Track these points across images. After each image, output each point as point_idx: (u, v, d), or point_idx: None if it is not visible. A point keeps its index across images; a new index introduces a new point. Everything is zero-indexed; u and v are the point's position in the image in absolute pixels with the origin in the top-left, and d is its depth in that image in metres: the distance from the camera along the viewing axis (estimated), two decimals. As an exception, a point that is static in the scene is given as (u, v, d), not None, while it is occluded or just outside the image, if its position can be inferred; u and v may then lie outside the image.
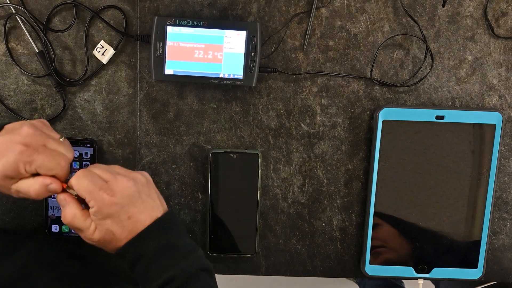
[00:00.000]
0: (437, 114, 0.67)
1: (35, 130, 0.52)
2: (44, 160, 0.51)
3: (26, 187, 0.52)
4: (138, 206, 0.53)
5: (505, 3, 0.67)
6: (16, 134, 0.51)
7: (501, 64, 0.69)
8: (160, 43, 0.64)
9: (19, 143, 0.50)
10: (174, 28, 0.63)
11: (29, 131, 0.51)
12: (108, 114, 0.69)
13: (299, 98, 0.69)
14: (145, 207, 0.54)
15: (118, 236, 0.52)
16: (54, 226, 0.69)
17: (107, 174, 0.53)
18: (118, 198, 0.52)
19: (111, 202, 0.51)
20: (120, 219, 0.52)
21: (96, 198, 0.51)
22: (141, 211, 0.53)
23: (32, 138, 0.51)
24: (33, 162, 0.51)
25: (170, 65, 0.64)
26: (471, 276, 0.71)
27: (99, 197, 0.51)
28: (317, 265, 0.73)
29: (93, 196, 0.51)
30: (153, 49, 0.64)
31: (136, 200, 0.53)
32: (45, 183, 0.52)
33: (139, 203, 0.53)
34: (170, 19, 0.63)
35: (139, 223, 0.53)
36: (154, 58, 0.64)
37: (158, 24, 0.63)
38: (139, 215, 0.53)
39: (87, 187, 0.51)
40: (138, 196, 0.53)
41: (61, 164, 0.52)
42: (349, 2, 0.67)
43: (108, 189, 0.52)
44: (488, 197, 0.69)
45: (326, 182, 0.71)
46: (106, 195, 0.51)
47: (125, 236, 0.53)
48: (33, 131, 0.52)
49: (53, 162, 0.51)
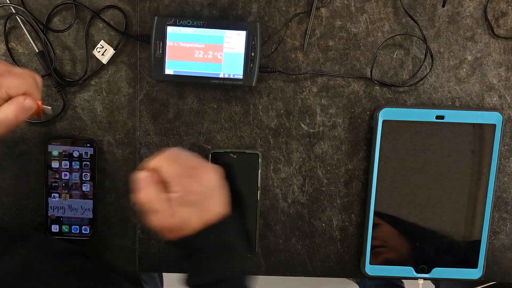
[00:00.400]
0: (437, 114, 0.67)
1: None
2: (12, 81, 0.52)
3: (4, 114, 0.52)
4: (216, 199, 0.54)
5: (505, 3, 0.67)
6: None
7: (501, 64, 0.69)
8: (160, 43, 0.64)
9: None
10: (174, 28, 0.63)
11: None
12: (108, 114, 0.69)
13: (299, 98, 0.69)
14: (220, 201, 0.54)
15: (192, 226, 0.52)
16: (54, 226, 0.69)
17: (194, 161, 0.53)
18: (204, 188, 0.52)
19: (198, 191, 0.51)
20: (199, 209, 0.52)
21: (184, 184, 0.51)
22: (217, 205, 0.54)
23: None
24: (2, 85, 0.51)
25: (170, 65, 0.64)
26: (471, 276, 0.71)
27: (188, 184, 0.51)
28: (317, 265, 0.73)
29: (181, 181, 0.51)
30: (153, 49, 0.64)
31: (216, 194, 0.54)
32: (19, 101, 0.52)
33: (217, 196, 0.54)
34: (170, 19, 0.63)
35: (214, 216, 0.53)
36: (154, 58, 0.64)
37: (158, 24, 0.63)
38: (216, 208, 0.54)
39: (177, 171, 0.51)
40: (218, 190, 0.54)
41: (29, 81, 0.53)
42: (349, 2, 0.67)
43: (197, 177, 0.52)
44: (488, 197, 0.69)
45: (326, 182, 0.71)
46: (195, 183, 0.51)
47: (197, 227, 0.52)
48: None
49: (20, 80, 0.52)
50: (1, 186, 0.70)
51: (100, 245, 0.71)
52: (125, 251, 0.72)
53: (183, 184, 0.51)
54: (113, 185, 0.70)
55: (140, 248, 0.72)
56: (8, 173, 0.70)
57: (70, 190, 0.69)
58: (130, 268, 0.72)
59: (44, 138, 0.68)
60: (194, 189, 0.51)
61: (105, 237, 0.71)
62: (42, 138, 0.69)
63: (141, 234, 0.71)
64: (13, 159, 0.69)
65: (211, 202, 0.53)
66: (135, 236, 0.71)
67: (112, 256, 0.71)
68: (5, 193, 0.70)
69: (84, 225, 0.69)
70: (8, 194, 0.70)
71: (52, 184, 0.68)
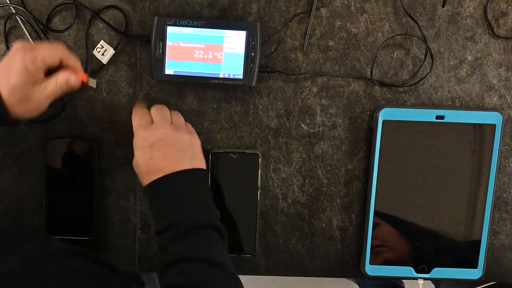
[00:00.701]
0: (437, 114, 0.67)
1: (23, 42, 0.59)
2: (45, 50, 0.57)
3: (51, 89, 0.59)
4: (165, 153, 0.59)
5: (505, 3, 0.67)
6: (10, 51, 0.58)
7: (501, 64, 0.69)
8: (160, 43, 0.64)
9: (16, 52, 0.57)
10: (174, 28, 0.63)
11: (19, 43, 0.58)
12: (108, 114, 0.69)
13: (299, 98, 0.69)
14: (171, 157, 0.59)
15: (141, 172, 0.60)
16: (54, 226, 0.69)
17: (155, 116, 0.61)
18: (150, 137, 0.59)
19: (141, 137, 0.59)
20: (145, 156, 0.59)
21: (136, 132, 0.60)
22: (164, 159, 0.59)
23: (24, 44, 0.58)
24: (37, 56, 0.57)
25: (170, 65, 0.64)
26: (471, 276, 0.71)
27: (137, 132, 0.60)
28: (317, 265, 0.73)
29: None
30: (153, 49, 0.64)
31: (164, 148, 0.59)
32: (65, 76, 0.59)
33: (167, 151, 0.59)
34: (170, 19, 0.63)
35: (157, 169, 0.58)
36: (154, 58, 0.64)
37: (158, 24, 0.63)
38: (160, 161, 0.59)
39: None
40: (169, 147, 0.59)
41: (60, 48, 0.59)
42: (349, 2, 0.67)
43: (148, 128, 0.60)
44: (488, 197, 0.69)
45: (326, 182, 0.71)
46: (143, 131, 0.60)
47: (145, 175, 0.59)
48: (22, 43, 0.58)
49: (52, 49, 0.58)
50: (1, 186, 0.70)
51: (100, 245, 0.71)
52: (125, 251, 0.72)
53: (136, 132, 0.60)
54: (113, 185, 0.70)
55: (140, 248, 0.72)
56: (8, 173, 0.70)
57: (70, 190, 0.69)
58: (130, 268, 0.72)
59: (44, 138, 0.68)
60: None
61: (105, 237, 0.71)
62: (42, 138, 0.69)
63: (141, 234, 0.71)
64: (13, 159, 0.69)
65: (155, 153, 0.58)
66: (135, 236, 0.71)
67: (112, 256, 0.71)
68: (5, 193, 0.70)
69: (84, 225, 0.69)
70: (8, 194, 0.70)
71: (52, 184, 0.68)
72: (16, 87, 0.57)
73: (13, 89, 0.57)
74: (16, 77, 0.56)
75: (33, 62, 0.56)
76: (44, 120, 0.68)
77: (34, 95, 0.58)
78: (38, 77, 0.58)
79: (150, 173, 0.59)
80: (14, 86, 0.56)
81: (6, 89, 0.57)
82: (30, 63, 0.56)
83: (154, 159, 0.58)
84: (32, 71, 0.57)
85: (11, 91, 0.57)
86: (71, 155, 0.68)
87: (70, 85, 0.60)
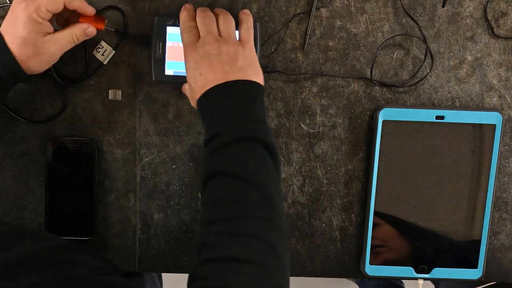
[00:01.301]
0: (437, 114, 0.67)
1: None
2: None
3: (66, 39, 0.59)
4: (212, 66, 0.56)
5: (505, 3, 0.67)
6: (12, 5, 0.56)
7: (501, 64, 0.69)
8: (160, 43, 0.64)
9: (17, 4, 0.56)
10: (174, 29, 0.63)
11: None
12: (108, 114, 0.69)
13: (299, 98, 0.69)
14: (218, 69, 0.56)
15: (192, 89, 0.58)
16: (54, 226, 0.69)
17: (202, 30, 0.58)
18: (194, 54, 0.57)
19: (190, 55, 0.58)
20: (194, 73, 0.57)
21: (184, 53, 0.59)
22: (212, 71, 0.56)
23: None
24: (40, 4, 0.55)
25: (170, 65, 0.64)
26: (471, 276, 0.71)
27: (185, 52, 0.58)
28: (317, 265, 0.73)
29: (184, 51, 0.59)
30: (153, 50, 0.64)
31: (211, 61, 0.56)
32: (82, 27, 0.59)
33: (215, 64, 0.56)
34: (170, 19, 0.63)
35: (208, 82, 0.56)
36: (154, 58, 0.64)
37: (158, 24, 0.63)
38: (209, 73, 0.56)
39: (183, 43, 0.59)
40: (216, 58, 0.57)
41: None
42: (349, 2, 0.67)
43: (193, 46, 0.58)
44: (488, 197, 0.69)
45: (326, 182, 0.71)
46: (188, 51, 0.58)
47: (197, 91, 0.57)
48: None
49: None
50: (1, 186, 0.70)
51: (100, 245, 0.71)
52: (125, 251, 0.72)
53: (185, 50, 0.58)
54: (113, 185, 0.70)
55: (140, 248, 0.72)
56: (8, 173, 0.70)
57: (70, 190, 0.69)
58: (130, 268, 0.72)
59: (44, 138, 0.68)
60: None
61: (105, 237, 0.71)
62: (42, 138, 0.69)
63: (141, 234, 0.71)
64: (13, 159, 0.69)
65: (203, 68, 0.56)
66: (135, 236, 0.71)
67: (112, 256, 0.71)
68: (5, 193, 0.70)
69: (84, 226, 0.69)
70: (8, 194, 0.70)
71: (52, 184, 0.68)
72: (26, 41, 0.55)
73: (23, 42, 0.55)
74: (23, 30, 0.55)
75: (37, 11, 0.55)
76: (44, 120, 0.68)
77: (46, 46, 0.57)
78: (46, 26, 0.56)
79: (201, 89, 0.57)
80: (24, 40, 0.55)
81: (16, 44, 0.55)
82: (34, 12, 0.55)
83: (203, 74, 0.56)
84: (38, 20, 0.55)
85: (22, 45, 0.55)
86: (71, 155, 0.68)
87: (87, 36, 0.60)
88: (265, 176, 0.53)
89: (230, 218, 0.51)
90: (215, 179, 0.53)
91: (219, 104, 0.55)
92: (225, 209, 0.51)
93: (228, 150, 0.53)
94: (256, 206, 0.51)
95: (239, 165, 0.52)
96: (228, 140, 0.53)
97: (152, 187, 0.70)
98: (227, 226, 0.50)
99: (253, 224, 0.50)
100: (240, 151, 0.53)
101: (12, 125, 0.69)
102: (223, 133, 0.53)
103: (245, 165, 0.52)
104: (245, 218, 0.50)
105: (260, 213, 0.51)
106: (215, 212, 0.52)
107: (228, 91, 0.55)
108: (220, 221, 0.51)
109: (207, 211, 0.53)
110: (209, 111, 0.56)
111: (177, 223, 0.71)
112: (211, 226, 0.51)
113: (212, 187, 0.53)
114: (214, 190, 0.53)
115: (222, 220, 0.51)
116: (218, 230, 0.50)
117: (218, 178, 0.53)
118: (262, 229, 0.50)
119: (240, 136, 0.53)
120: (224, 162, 0.53)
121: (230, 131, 0.53)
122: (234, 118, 0.54)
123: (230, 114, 0.55)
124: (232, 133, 0.53)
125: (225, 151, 0.53)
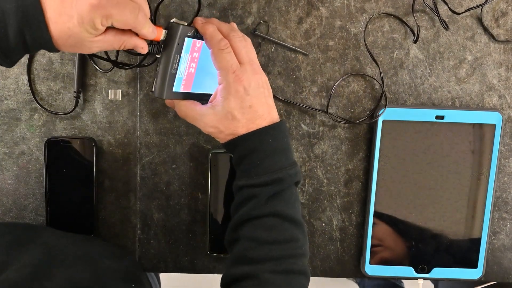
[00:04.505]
0: (437, 114, 0.67)
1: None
2: (122, 12, 0.48)
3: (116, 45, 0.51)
4: (260, 100, 0.55)
5: (505, 3, 0.67)
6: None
7: (501, 64, 0.69)
8: (178, 56, 0.54)
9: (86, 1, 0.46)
10: (189, 40, 0.55)
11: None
12: (108, 114, 0.69)
13: (299, 98, 0.69)
14: (265, 103, 0.56)
15: (237, 120, 0.55)
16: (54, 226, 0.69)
17: (244, 55, 0.55)
18: (245, 83, 0.54)
19: (239, 83, 0.54)
20: (243, 104, 0.54)
21: (227, 77, 0.54)
22: (261, 105, 0.55)
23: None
24: (111, 16, 0.47)
25: (180, 82, 0.57)
26: (471, 276, 0.71)
27: (230, 77, 0.54)
28: (317, 265, 0.73)
29: (225, 74, 0.54)
30: (171, 63, 0.54)
31: (260, 94, 0.56)
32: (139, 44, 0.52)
33: (262, 97, 0.56)
34: (189, 29, 0.55)
35: (258, 116, 0.55)
36: (170, 74, 0.54)
37: (181, 35, 0.53)
38: (259, 107, 0.55)
39: (222, 64, 0.54)
40: (263, 91, 0.56)
41: (139, 18, 0.49)
42: (349, 2, 0.67)
43: (240, 73, 0.54)
44: (488, 197, 0.69)
45: (326, 182, 0.71)
46: (236, 77, 0.54)
47: (242, 124, 0.55)
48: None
49: (133, 14, 0.48)
50: (1, 186, 0.70)
51: (100, 245, 0.71)
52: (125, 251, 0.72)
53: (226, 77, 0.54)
54: (113, 185, 0.70)
55: (140, 248, 0.72)
56: (8, 173, 0.70)
57: (70, 190, 0.69)
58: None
59: (44, 138, 0.68)
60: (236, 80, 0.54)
61: (105, 237, 0.71)
62: (42, 138, 0.69)
63: (141, 234, 0.71)
64: (13, 159, 0.69)
65: (254, 100, 0.55)
66: (135, 236, 0.71)
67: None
68: (5, 193, 0.70)
69: (84, 226, 0.69)
70: (8, 194, 0.70)
71: (52, 184, 0.68)
72: (73, 35, 0.47)
73: (68, 35, 0.47)
74: (77, 25, 0.47)
75: (103, 19, 0.47)
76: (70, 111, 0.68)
77: (89, 45, 0.49)
78: (101, 31, 0.48)
79: (249, 123, 0.55)
80: (70, 33, 0.47)
81: (59, 30, 0.47)
82: (99, 17, 0.47)
83: (253, 107, 0.55)
84: (98, 27, 0.47)
85: (66, 36, 0.47)
86: (71, 155, 0.68)
87: (137, 50, 0.53)
88: (299, 210, 0.58)
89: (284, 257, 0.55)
90: (267, 219, 0.56)
91: (274, 144, 0.56)
92: (279, 247, 0.55)
93: (284, 194, 0.56)
94: (301, 244, 0.56)
95: (290, 207, 0.56)
96: (285, 186, 0.56)
97: (152, 187, 0.70)
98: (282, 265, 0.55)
99: (302, 261, 0.56)
100: (290, 195, 0.57)
101: (12, 125, 0.69)
102: (285, 180, 0.56)
103: (293, 207, 0.57)
104: (295, 257, 0.55)
105: (304, 250, 0.57)
106: (270, 252, 0.55)
107: (278, 135, 0.56)
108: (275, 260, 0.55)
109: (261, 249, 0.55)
110: (264, 152, 0.55)
111: (177, 223, 0.71)
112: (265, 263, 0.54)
113: (265, 227, 0.56)
114: (268, 230, 0.55)
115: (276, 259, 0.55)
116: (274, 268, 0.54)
117: (270, 219, 0.56)
118: (305, 264, 0.57)
119: (292, 182, 0.57)
120: (280, 205, 0.56)
121: (289, 177, 0.56)
122: (291, 164, 0.56)
123: (287, 158, 0.57)
124: (289, 180, 0.56)
125: (283, 195, 0.56)
